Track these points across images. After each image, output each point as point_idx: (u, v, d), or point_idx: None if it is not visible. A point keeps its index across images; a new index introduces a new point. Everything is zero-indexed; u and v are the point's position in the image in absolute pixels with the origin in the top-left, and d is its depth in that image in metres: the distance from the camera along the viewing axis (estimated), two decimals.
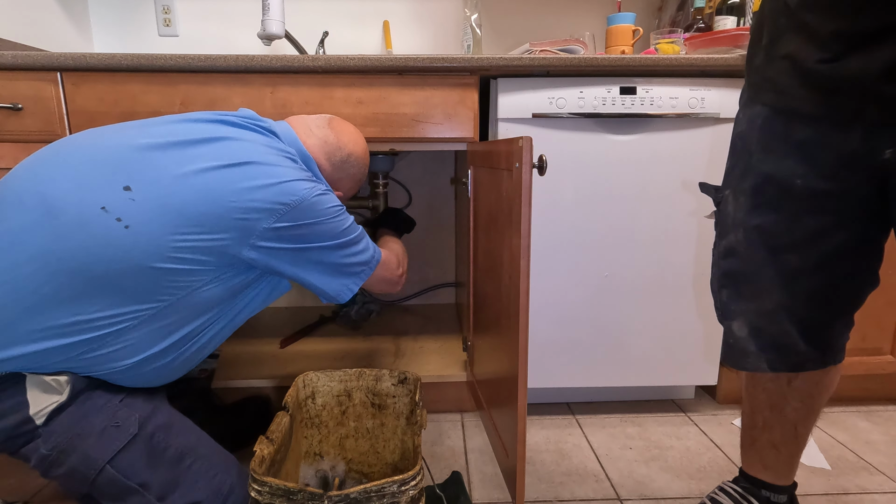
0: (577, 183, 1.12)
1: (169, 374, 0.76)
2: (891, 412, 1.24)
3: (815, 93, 0.59)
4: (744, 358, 0.72)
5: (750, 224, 0.68)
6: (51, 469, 0.66)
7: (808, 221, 0.63)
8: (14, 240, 0.64)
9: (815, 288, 0.66)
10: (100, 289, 0.64)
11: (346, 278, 0.81)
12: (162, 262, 0.66)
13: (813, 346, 0.69)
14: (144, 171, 0.67)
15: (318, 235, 0.75)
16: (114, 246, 0.64)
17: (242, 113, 0.82)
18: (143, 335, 0.69)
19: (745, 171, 0.68)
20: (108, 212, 0.64)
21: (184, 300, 0.70)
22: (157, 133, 0.71)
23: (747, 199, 0.68)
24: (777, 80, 0.63)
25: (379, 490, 0.66)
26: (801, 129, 0.62)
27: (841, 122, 0.58)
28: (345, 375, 0.99)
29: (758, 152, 0.66)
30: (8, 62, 1.00)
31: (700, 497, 0.94)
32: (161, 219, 0.66)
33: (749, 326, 0.71)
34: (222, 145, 0.71)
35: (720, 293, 0.75)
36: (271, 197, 0.70)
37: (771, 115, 0.65)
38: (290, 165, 0.75)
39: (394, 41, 1.59)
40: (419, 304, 1.75)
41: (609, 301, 1.17)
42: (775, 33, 0.63)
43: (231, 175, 0.69)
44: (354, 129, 0.95)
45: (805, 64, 0.59)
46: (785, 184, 0.64)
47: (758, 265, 0.68)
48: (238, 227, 0.69)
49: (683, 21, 1.44)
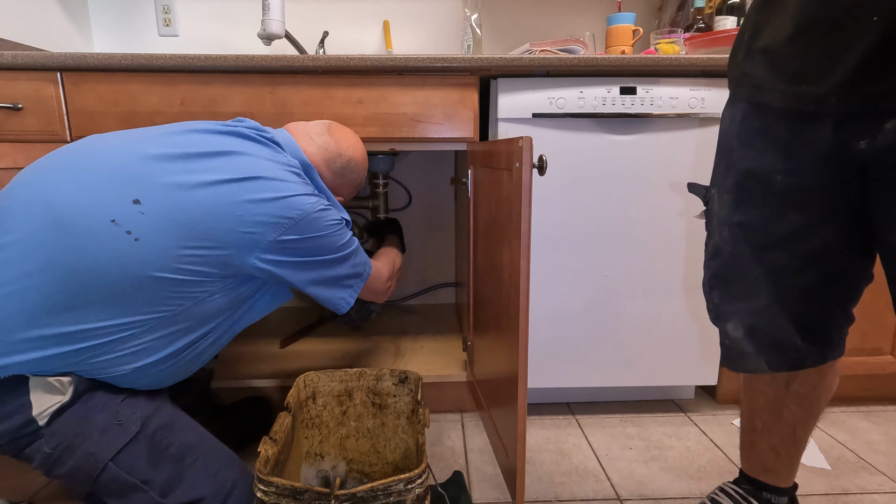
0: (578, 183, 1.12)
1: (170, 377, 0.76)
2: (891, 412, 1.24)
3: (786, 84, 0.59)
4: (742, 359, 0.71)
5: (733, 221, 0.67)
6: (54, 468, 0.66)
7: (793, 217, 0.62)
8: (23, 249, 0.64)
9: (806, 284, 0.65)
10: (107, 298, 0.65)
11: (342, 290, 0.84)
12: (169, 273, 0.67)
13: (810, 342, 0.68)
14: (154, 184, 0.68)
15: (319, 249, 0.77)
16: (123, 258, 0.65)
17: (245, 123, 0.83)
18: (148, 342, 0.70)
19: (728, 169, 0.68)
20: (118, 224, 0.65)
21: (189, 310, 0.71)
22: (165, 144, 0.72)
23: (730, 197, 0.67)
24: (754, 74, 0.63)
25: (385, 489, 0.66)
26: (777, 124, 0.61)
27: (811, 116, 0.58)
28: (345, 375, 0.99)
29: (738, 149, 0.66)
30: (8, 62, 1.00)
31: (700, 497, 0.94)
32: (169, 231, 0.67)
33: (744, 326, 0.70)
34: (230, 159, 0.73)
35: (711, 294, 0.74)
36: (277, 211, 0.72)
37: (750, 111, 0.65)
38: (294, 180, 0.77)
39: (394, 41, 1.59)
40: (419, 304, 1.76)
41: (609, 301, 1.17)
42: (755, 27, 0.63)
43: (239, 189, 0.71)
44: (353, 134, 0.97)
45: (777, 55, 0.59)
46: (766, 180, 0.63)
47: (745, 263, 0.67)
48: (244, 240, 0.71)
49: (683, 21, 1.44)
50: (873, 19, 0.49)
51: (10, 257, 0.64)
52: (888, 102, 0.51)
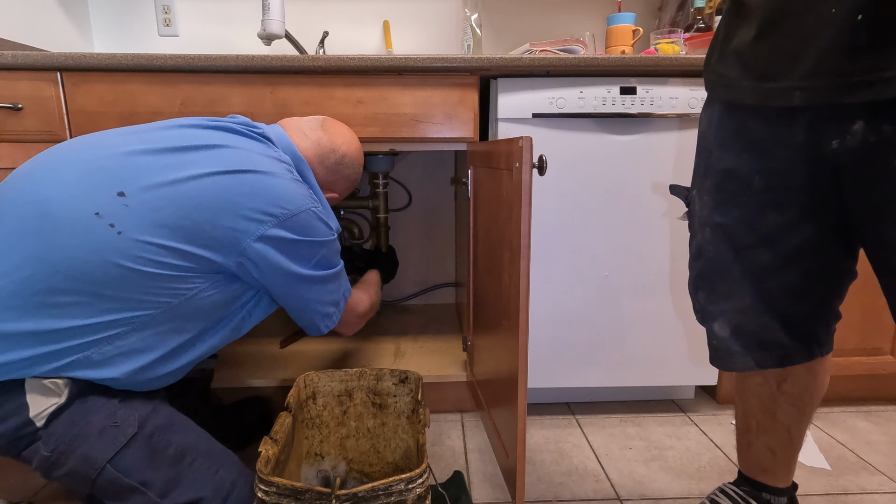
0: (578, 183, 1.12)
1: (165, 379, 0.75)
2: (891, 412, 1.24)
3: (754, 81, 0.59)
4: (730, 358, 0.72)
5: (714, 222, 0.68)
6: (52, 470, 0.66)
7: (772, 217, 0.63)
8: (9, 244, 0.64)
9: (788, 282, 0.65)
10: (91, 294, 0.64)
11: (317, 313, 0.84)
12: (153, 267, 0.66)
13: (796, 339, 0.68)
14: (139, 177, 0.67)
15: (304, 254, 0.76)
16: (106, 251, 0.64)
17: (236, 119, 0.82)
18: (137, 342, 0.68)
19: (707, 170, 0.69)
20: (101, 217, 0.65)
21: (177, 307, 0.70)
22: (152, 139, 0.72)
23: (710, 198, 0.68)
24: (726, 74, 0.63)
25: (386, 488, 0.66)
26: (752, 124, 0.62)
27: (783, 114, 0.58)
28: (346, 375, 0.99)
29: (716, 150, 0.67)
30: (8, 62, 1.00)
31: (700, 497, 0.94)
32: (154, 224, 0.66)
33: (730, 326, 0.70)
34: (217, 152, 0.72)
35: (697, 295, 0.74)
36: (264, 206, 0.71)
37: (724, 112, 0.65)
38: (286, 176, 0.75)
39: (394, 41, 1.59)
40: (419, 304, 1.75)
41: (609, 301, 1.17)
42: (727, 30, 0.64)
43: (226, 182, 0.70)
44: (348, 129, 0.96)
45: (745, 54, 0.60)
46: (744, 180, 0.63)
47: (728, 263, 0.68)
48: (229, 235, 0.70)
49: (683, 21, 1.44)
50: (832, 11, 0.50)
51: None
52: (853, 96, 0.50)
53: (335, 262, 0.83)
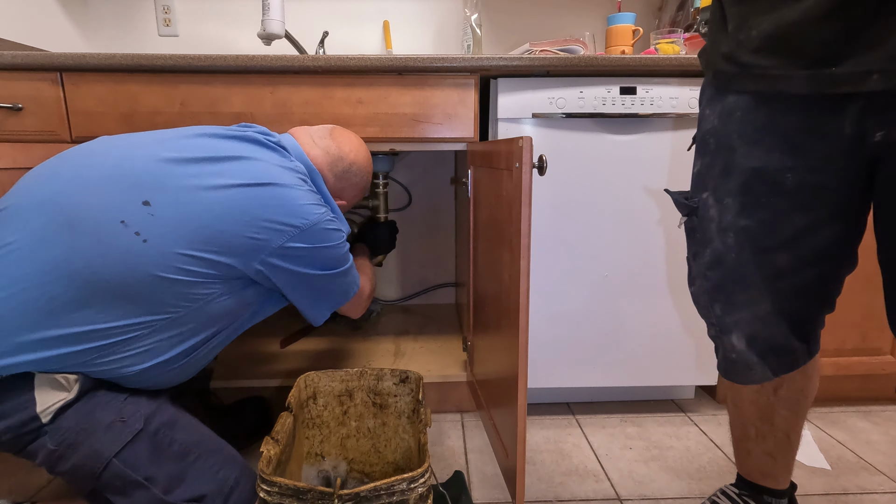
0: (578, 183, 1.12)
1: (176, 378, 0.77)
2: (891, 412, 1.24)
3: (808, 69, 0.54)
4: (748, 371, 0.69)
5: (739, 226, 0.64)
6: (57, 464, 0.67)
7: (797, 219, 0.60)
8: (33, 248, 0.65)
9: (801, 283, 0.63)
10: (115, 299, 0.66)
11: (325, 306, 0.88)
12: (176, 274, 0.68)
13: (802, 340, 0.68)
14: (164, 187, 0.69)
15: (320, 260, 0.80)
16: (131, 259, 0.66)
17: (254, 128, 0.84)
18: (154, 343, 0.70)
19: (728, 170, 0.63)
20: (127, 225, 0.66)
21: (196, 311, 0.72)
22: (175, 147, 0.73)
23: (735, 200, 0.63)
24: (758, 64, 0.58)
25: (388, 488, 0.66)
26: (788, 116, 0.57)
27: (832, 104, 0.54)
28: (346, 375, 0.99)
29: (742, 147, 0.62)
30: (8, 62, 1.00)
31: (700, 497, 0.94)
32: (178, 233, 0.68)
33: (745, 336, 0.68)
34: (241, 164, 0.74)
35: (712, 308, 0.70)
36: (285, 219, 0.74)
37: (752, 105, 0.60)
38: (303, 187, 0.78)
39: (394, 41, 1.59)
40: (419, 304, 1.75)
41: (609, 301, 1.17)
42: (740, 18, 0.59)
43: (249, 194, 0.72)
44: (356, 137, 0.97)
45: (793, 38, 0.54)
46: (775, 179, 0.60)
47: (748, 269, 0.65)
48: (250, 245, 0.72)
49: (683, 21, 1.44)
50: None
51: (19, 256, 0.65)
52: None
53: (345, 261, 0.86)
